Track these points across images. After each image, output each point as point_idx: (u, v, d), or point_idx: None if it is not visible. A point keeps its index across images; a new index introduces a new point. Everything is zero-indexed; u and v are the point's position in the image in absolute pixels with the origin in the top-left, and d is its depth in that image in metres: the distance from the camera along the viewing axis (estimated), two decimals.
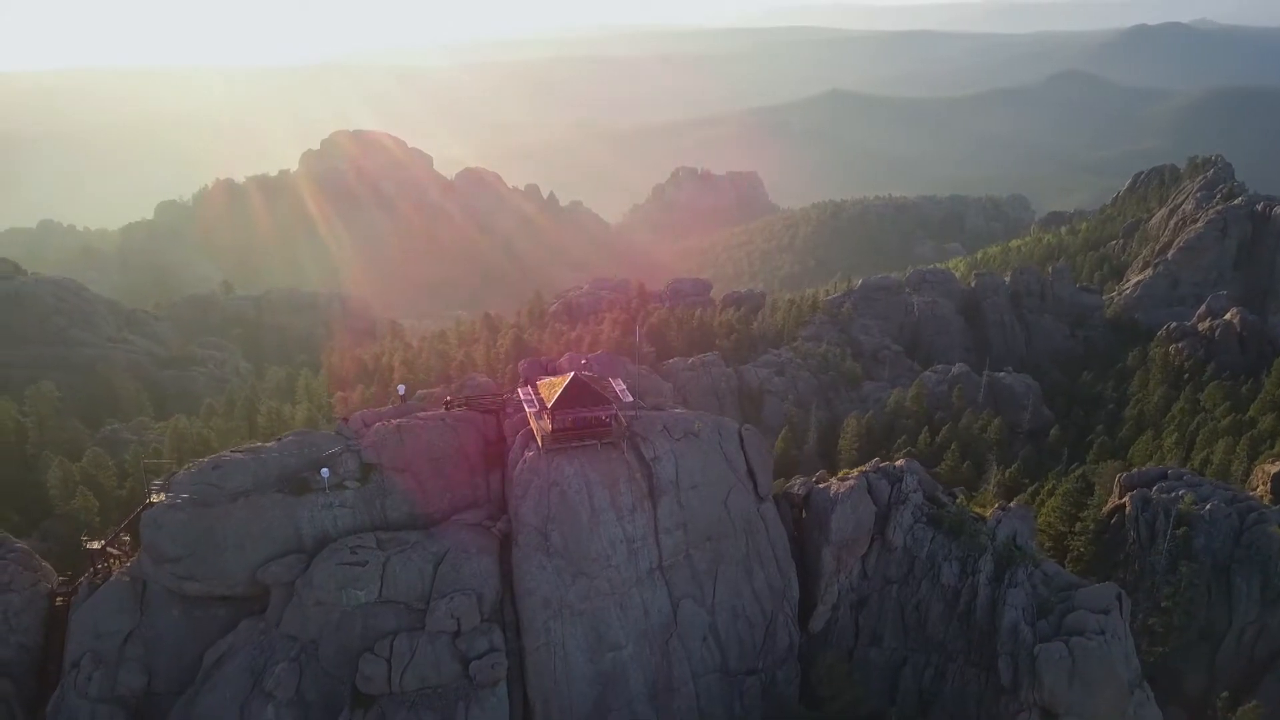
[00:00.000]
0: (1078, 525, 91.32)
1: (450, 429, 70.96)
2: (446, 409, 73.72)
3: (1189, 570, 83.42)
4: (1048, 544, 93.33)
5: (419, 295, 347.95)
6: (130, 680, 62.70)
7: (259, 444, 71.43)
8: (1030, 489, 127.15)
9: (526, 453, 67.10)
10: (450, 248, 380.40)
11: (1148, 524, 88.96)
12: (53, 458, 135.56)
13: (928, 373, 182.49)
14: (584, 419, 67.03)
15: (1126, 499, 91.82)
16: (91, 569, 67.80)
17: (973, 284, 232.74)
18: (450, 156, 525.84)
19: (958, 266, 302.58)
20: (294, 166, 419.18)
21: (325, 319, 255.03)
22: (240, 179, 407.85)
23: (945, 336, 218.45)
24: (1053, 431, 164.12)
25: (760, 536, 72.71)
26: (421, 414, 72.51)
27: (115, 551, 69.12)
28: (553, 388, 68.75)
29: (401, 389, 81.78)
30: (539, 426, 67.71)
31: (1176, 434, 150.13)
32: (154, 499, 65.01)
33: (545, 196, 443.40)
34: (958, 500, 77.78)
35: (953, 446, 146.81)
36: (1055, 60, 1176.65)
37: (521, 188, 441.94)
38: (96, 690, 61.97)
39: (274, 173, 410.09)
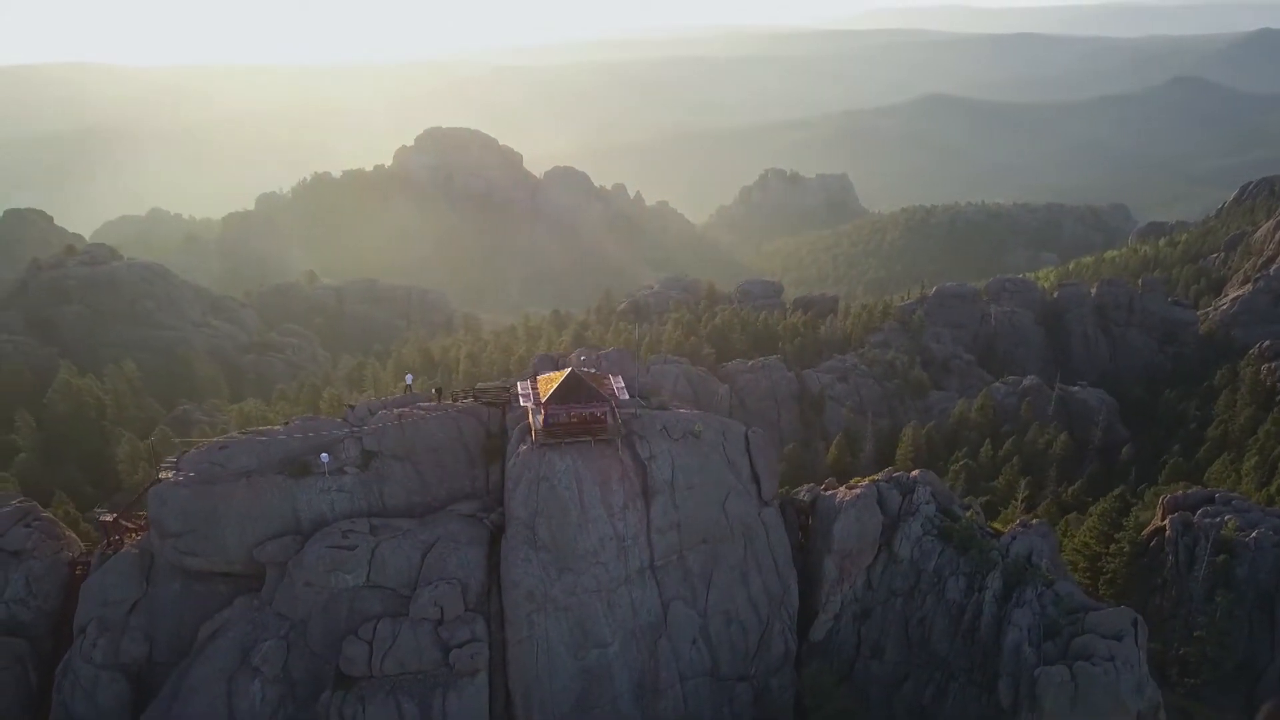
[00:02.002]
0: (1112, 546, 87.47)
1: (452, 420, 71.98)
2: (438, 400, 74.59)
3: (1226, 600, 79.07)
4: (1082, 564, 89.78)
5: (502, 291, 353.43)
6: (133, 649, 65.34)
7: (269, 427, 73.42)
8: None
9: (521, 446, 67.51)
10: (535, 245, 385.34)
11: (1187, 549, 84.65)
12: (124, 433, 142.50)
13: (997, 384, 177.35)
14: (577, 415, 67.10)
15: (1166, 521, 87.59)
16: (105, 540, 70.92)
17: (1055, 295, 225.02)
18: (545, 154, 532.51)
19: (1047, 276, 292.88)
20: (389, 162, 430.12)
21: (404, 311, 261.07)
22: (337, 173, 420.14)
23: (1022, 348, 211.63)
24: (1124, 450, 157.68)
25: (760, 541, 71.64)
26: (424, 404, 73.69)
27: (129, 524, 72.07)
28: (549, 383, 69.07)
29: (409, 379, 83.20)
30: (533, 421, 68.03)
31: (1257, 458, 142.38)
32: (163, 475, 67.57)
33: (632, 196, 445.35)
34: (968, 514, 75.09)
35: (1013, 461, 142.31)
36: (1168, 65, 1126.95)
37: (609, 187, 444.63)
38: (101, 656, 64.79)
39: (369, 168, 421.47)
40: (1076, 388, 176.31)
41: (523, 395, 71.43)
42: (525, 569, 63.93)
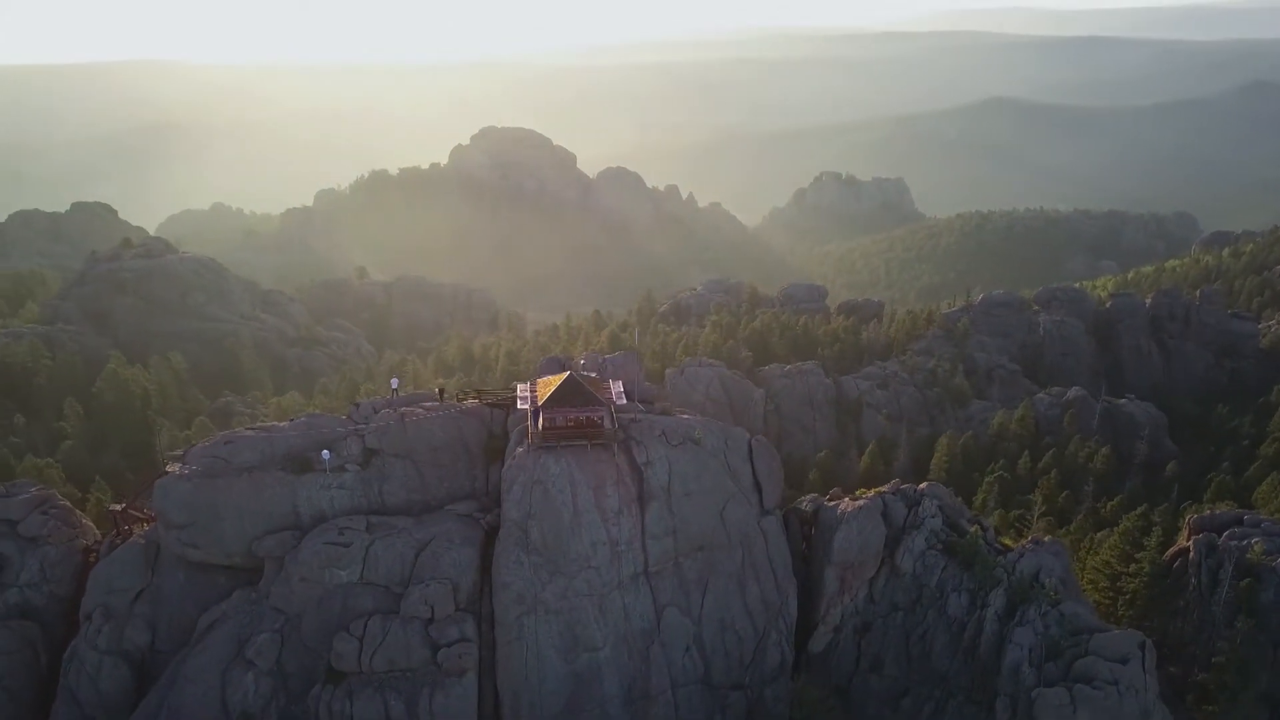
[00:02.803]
0: (1132, 566, 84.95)
1: (454, 420, 72.51)
2: (440, 399, 75.11)
3: (1246, 626, 76.27)
4: (1103, 583, 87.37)
5: (551, 290, 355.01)
6: (136, 636, 66.98)
7: (275, 423, 74.63)
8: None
9: (518, 449, 67.73)
10: (585, 245, 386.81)
11: (1210, 571, 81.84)
12: (165, 423, 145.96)
13: (1040, 395, 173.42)
14: (573, 418, 67.08)
15: (1190, 542, 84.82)
16: (114, 529, 72.69)
17: (1108, 305, 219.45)
18: (599, 154, 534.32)
19: (1105, 285, 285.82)
20: (445, 160, 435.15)
21: (451, 308, 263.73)
22: (395, 170, 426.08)
23: (1071, 358, 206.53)
24: (1170, 466, 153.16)
25: (759, 550, 70.95)
26: (426, 404, 74.27)
27: (138, 515, 73.78)
28: (548, 386, 69.16)
29: (395, 383, 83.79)
30: (531, 423, 68.19)
31: None
32: (169, 468, 69.05)
33: (685, 197, 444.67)
34: (973, 529, 73.42)
35: (1051, 474, 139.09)
36: (1246, 70, 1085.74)
37: (662, 188, 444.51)
38: (105, 643, 66.51)
39: (425, 166, 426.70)
40: (1123, 400, 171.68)
41: (521, 398, 71.70)
42: (516, 571, 64.13)
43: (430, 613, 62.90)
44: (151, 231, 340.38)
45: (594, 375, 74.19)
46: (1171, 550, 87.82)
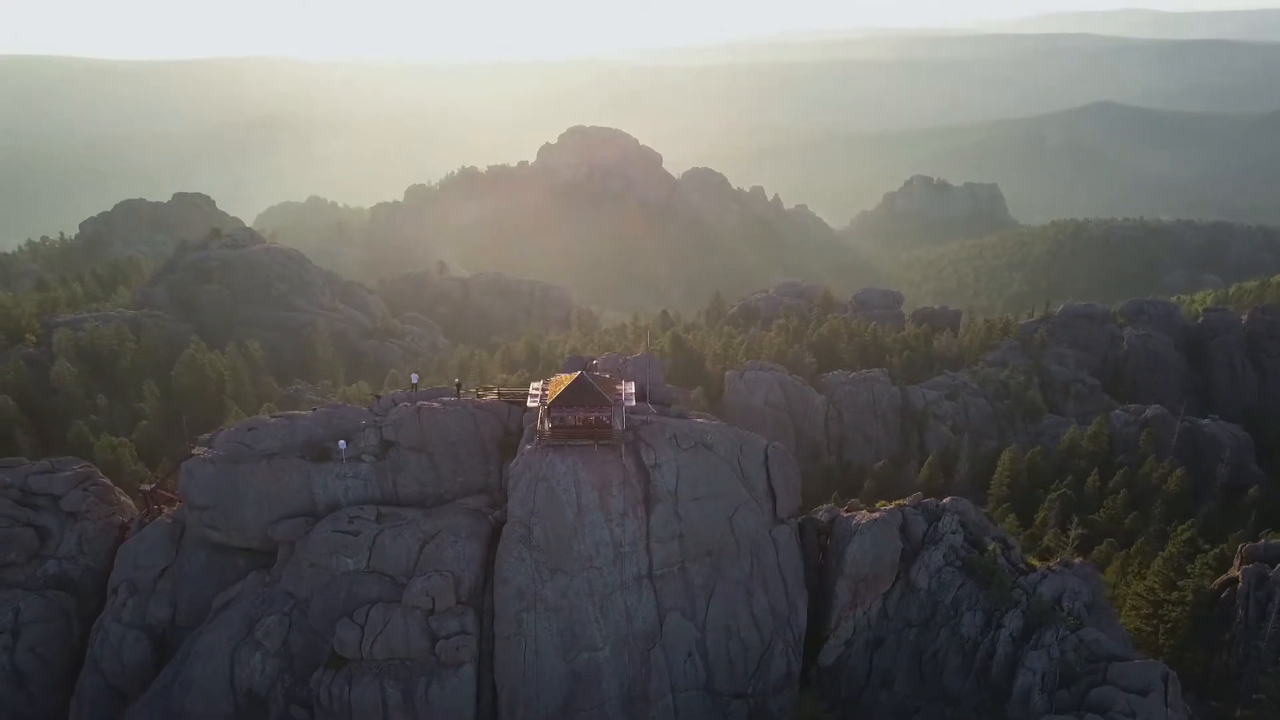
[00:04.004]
0: (1174, 593, 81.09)
1: (470, 415, 73.41)
2: (457, 395, 76.02)
3: None
4: (1145, 609, 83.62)
5: (631, 289, 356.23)
6: (158, 611, 69.69)
7: (298, 412, 76.63)
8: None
9: (527, 446, 68.19)
10: (668, 245, 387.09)
11: (1259, 604, 77.60)
12: (235, 408, 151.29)
13: (1117, 411, 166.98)
14: (581, 418, 67.18)
15: (1240, 572, 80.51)
16: (145, 508, 75.67)
17: (1200, 320, 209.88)
18: (686, 155, 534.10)
19: (1203, 299, 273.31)
20: (534, 158, 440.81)
21: (527, 305, 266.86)
22: (484, 167, 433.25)
23: (1156, 375, 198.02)
24: (1251, 491, 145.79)
25: (769, 559, 69.98)
26: (445, 399, 75.32)
27: (169, 495, 76.68)
28: (559, 385, 69.41)
29: (415, 378, 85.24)
30: (539, 422, 68.57)
31: None
32: (195, 452, 71.58)
33: (770, 199, 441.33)
34: (991, 548, 70.92)
35: (1120, 494, 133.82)
36: None
37: (748, 189, 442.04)
38: (129, 616, 69.38)
39: (514, 164, 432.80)
40: (1206, 421, 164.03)
41: (533, 396, 72.20)
42: (518, 567, 64.58)
43: (431, 604, 63.81)
44: (249, 223, 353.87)
45: (607, 376, 74.04)
46: (1220, 579, 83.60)
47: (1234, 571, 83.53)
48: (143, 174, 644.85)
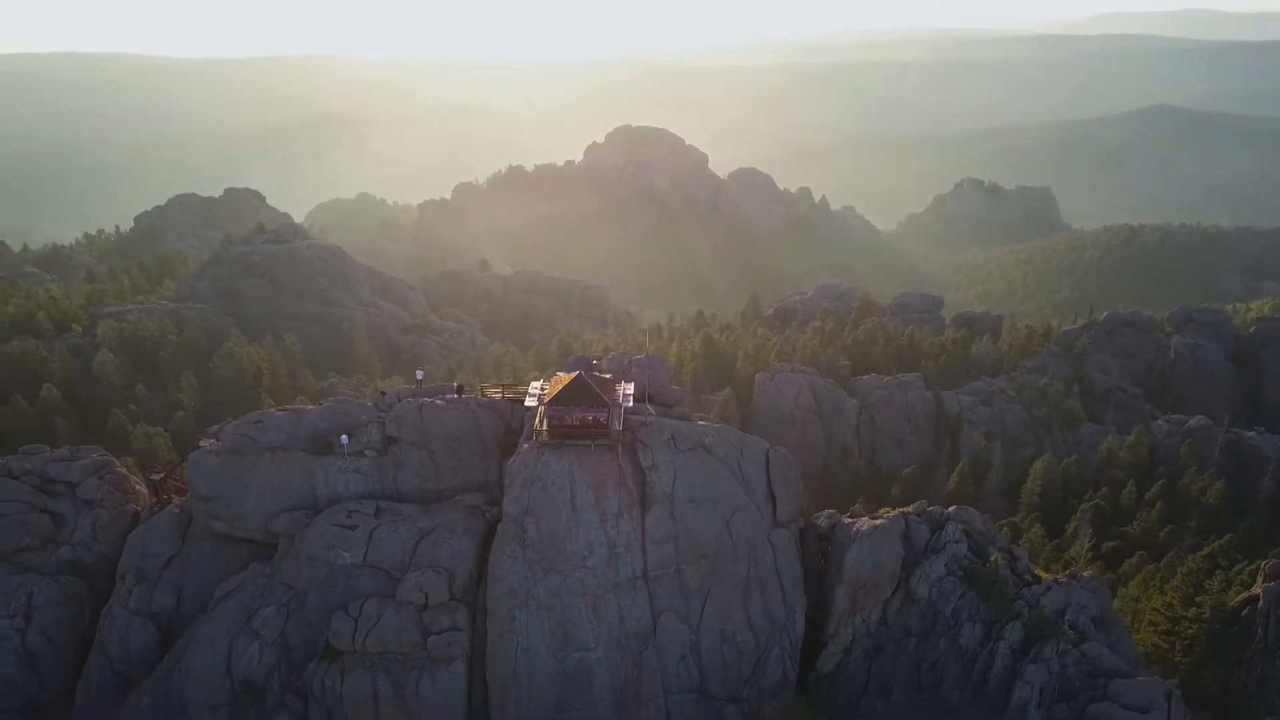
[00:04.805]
0: (1191, 610, 78.82)
1: (471, 412, 73.78)
2: (458, 394, 76.41)
3: None
4: (1163, 625, 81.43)
5: (674, 289, 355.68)
6: (163, 599, 71.08)
7: (304, 405, 77.59)
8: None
9: (524, 445, 68.36)
10: (712, 245, 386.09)
11: (1279, 622, 75.08)
12: (269, 400, 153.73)
13: (1158, 422, 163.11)
14: (578, 418, 67.15)
15: (1261, 590, 78.00)
16: (155, 497, 77.21)
17: (1252, 329, 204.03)
18: (735, 155, 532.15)
19: (1260, 308, 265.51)
20: (580, 157, 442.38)
21: (566, 303, 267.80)
22: (530, 166, 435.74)
23: (1204, 385, 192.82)
24: None
25: (766, 563, 69.36)
26: (446, 396, 75.78)
27: (178, 484, 78.17)
28: (558, 384, 69.46)
29: (420, 374, 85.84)
30: (537, 420, 68.70)
31: None
32: (202, 443, 72.87)
33: (816, 200, 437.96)
34: (993, 558, 69.47)
35: (1156, 506, 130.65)
36: None
37: (794, 190, 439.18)
38: (135, 603, 70.87)
39: (560, 163, 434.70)
40: (1251, 433, 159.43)
41: (531, 395, 72.39)
42: (510, 565, 64.74)
43: (424, 599, 64.27)
44: (300, 218, 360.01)
45: (608, 376, 73.92)
46: (1242, 596, 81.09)
47: (1256, 589, 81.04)
48: (199, 169, 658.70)
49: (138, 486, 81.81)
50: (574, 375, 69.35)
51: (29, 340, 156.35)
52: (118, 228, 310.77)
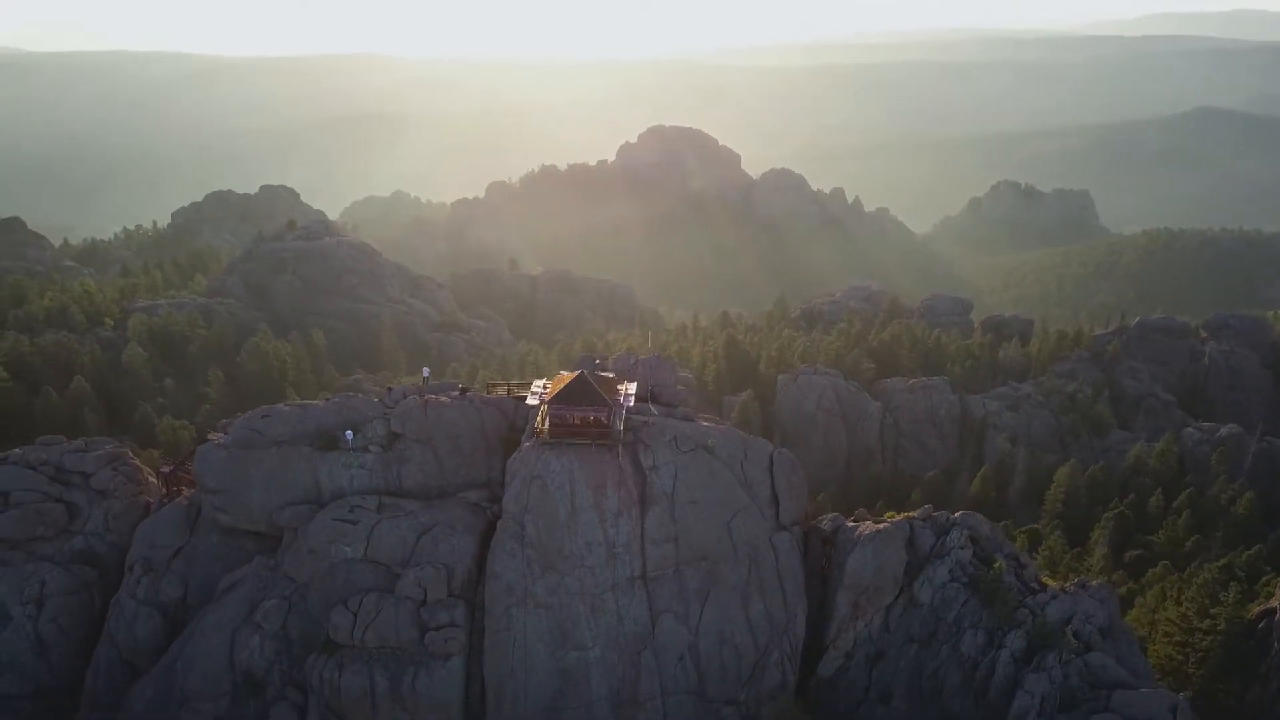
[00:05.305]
0: (1206, 622, 77.21)
1: (475, 410, 74.03)
2: (462, 394, 76.64)
3: None
4: (1178, 636, 79.85)
5: (706, 290, 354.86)
6: (170, 590, 72.01)
7: (311, 400, 78.24)
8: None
9: (525, 443, 68.45)
10: (743, 246, 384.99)
11: None
12: (294, 395, 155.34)
13: (1189, 429, 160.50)
14: (579, 417, 67.10)
15: (1279, 602, 76.29)
16: (166, 489, 78.25)
17: None
18: (772, 156, 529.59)
19: None
20: (613, 157, 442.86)
21: (594, 302, 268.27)
22: (563, 166, 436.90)
23: (1239, 393, 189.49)
24: None
25: (768, 566, 68.86)
26: (451, 393, 76.05)
27: (188, 476, 79.12)
28: (560, 383, 69.45)
29: (426, 371, 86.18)
30: (539, 419, 68.75)
31: None
32: (211, 436, 73.72)
33: (850, 201, 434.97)
34: (996, 565, 68.37)
35: (1183, 516, 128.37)
36: None
37: (828, 191, 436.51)
38: (143, 593, 71.86)
39: (593, 162, 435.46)
40: None
41: (534, 394, 72.48)
42: (509, 563, 64.87)
43: (423, 595, 64.55)
44: (335, 215, 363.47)
45: (610, 376, 73.78)
46: (1260, 608, 79.35)
47: (1274, 601, 79.27)
48: (241, 166, 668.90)
49: (151, 478, 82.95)
50: (576, 375, 69.35)
51: (61, 333, 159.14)
52: (155, 223, 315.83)
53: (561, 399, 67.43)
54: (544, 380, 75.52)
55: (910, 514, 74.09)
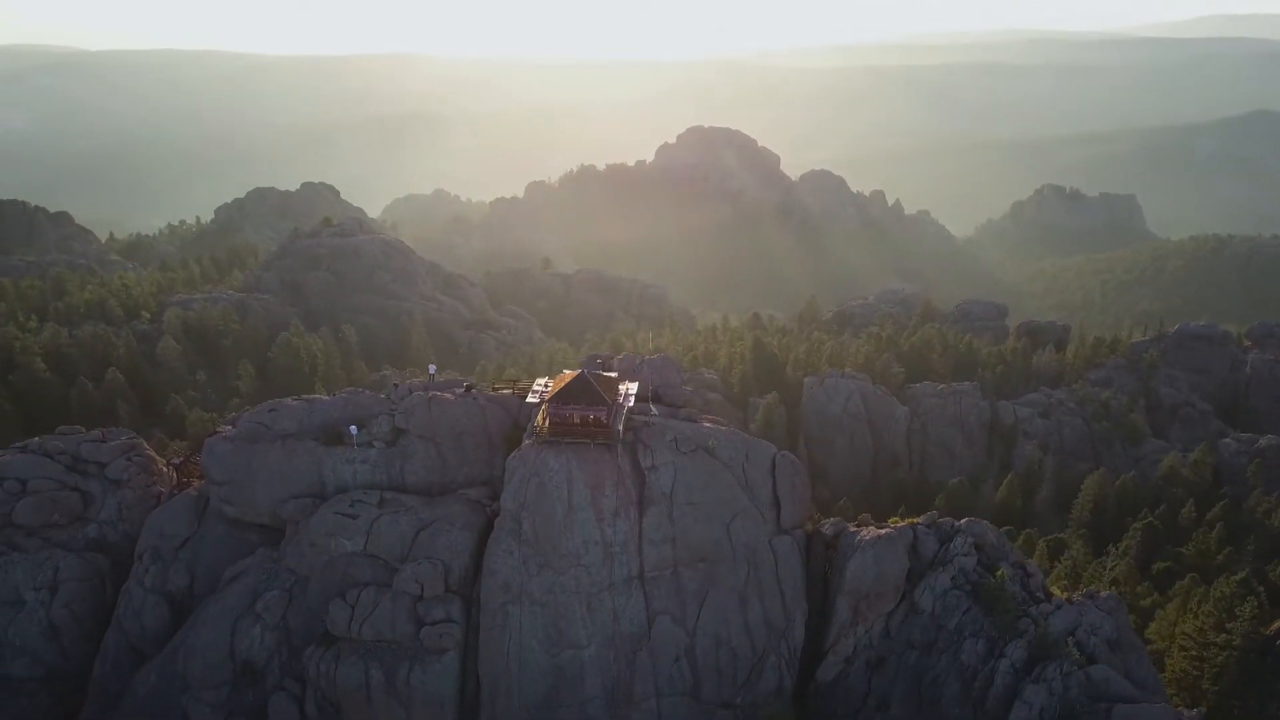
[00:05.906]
0: (1221, 637, 75.22)
1: (478, 408, 74.23)
2: (466, 391, 76.83)
3: None
4: (1193, 650, 77.89)
5: (741, 291, 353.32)
6: (177, 579, 73.12)
7: (318, 396, 78.93)
8: None
9: (526, 441, 68.49)
10: (782, 248, 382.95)
11: None
12: (322, 389, 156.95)
13: (1225, 440, 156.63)
14: (578, 416, 66.97)
15: None
16: (177, 480, 79.39)
17: None
18: (816, 158, 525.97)
19: None
20: (652, 157, 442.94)
21: (625, 302, 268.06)
22: (602, 166, 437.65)
23: None
24: None
25: (767, 569, 68.25)
26: (456, 390, 76.30)
27: (198, 468, 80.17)
28: (561, 381, 69.37)
29: (432, 369, 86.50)
30: (540, 418, 68.74)
31: None
32: (219, 429, 74.67)
33: (890, 203, 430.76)
34: (998, 574, 67.04)
35: (1216, 528, 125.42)
36: None
37: (868, 193, 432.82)
38: (151, 582, 73.03)
39: (631, 163, 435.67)
40: None
41: (534, 393, 72.49)
42: (505, 560, 64.94)
43: (420, 590, 64.87)
44: (375, 213, 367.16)
45: (613, 375, 73.55)
46: (1277, 625, 77.16)
47: None
48: (285, 163, 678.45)
49: (165, 469, 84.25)
50: (576, 374, 69.26)
51: (99, 325, 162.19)
52: (198, 218, 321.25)
53: (561, 398, 67.39)
54: (545, 379, 75.55)
55: (914, 519, 73.05)
